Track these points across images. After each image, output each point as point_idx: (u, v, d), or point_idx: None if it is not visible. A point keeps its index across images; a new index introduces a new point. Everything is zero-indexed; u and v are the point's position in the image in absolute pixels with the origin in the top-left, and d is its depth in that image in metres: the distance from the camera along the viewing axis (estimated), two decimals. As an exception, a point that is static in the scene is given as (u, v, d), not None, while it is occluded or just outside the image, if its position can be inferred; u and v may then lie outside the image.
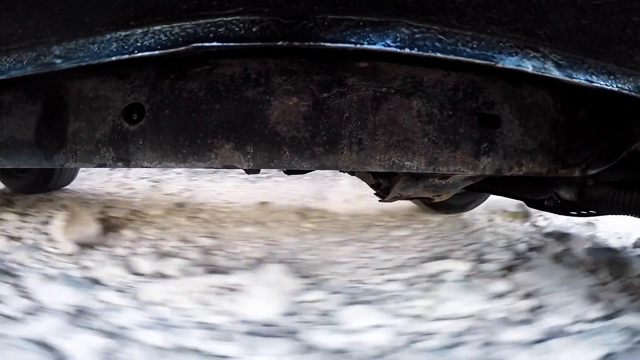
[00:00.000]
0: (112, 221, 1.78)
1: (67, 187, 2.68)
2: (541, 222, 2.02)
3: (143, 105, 0.69)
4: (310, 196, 2.55)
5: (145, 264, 1.28)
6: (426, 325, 0.99)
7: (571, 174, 0.79)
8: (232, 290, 1.12)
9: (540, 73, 0.56)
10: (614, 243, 1.68)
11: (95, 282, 1.16)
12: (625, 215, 1.07)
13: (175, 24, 0.52)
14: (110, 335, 0.88)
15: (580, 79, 0.57)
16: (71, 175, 2.58)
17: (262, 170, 1.91)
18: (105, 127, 0.71)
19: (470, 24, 0.52)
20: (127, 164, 0.71)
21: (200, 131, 0.68)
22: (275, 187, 2.96)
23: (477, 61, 0.54)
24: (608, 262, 1.39)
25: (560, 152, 0.78)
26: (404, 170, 0.71)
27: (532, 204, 1.47)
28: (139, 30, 0.54)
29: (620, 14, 0.54)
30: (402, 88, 0.68)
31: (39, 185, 2.42)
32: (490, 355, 0.86)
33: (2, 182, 2.50)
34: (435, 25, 0.52)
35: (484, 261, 1.44)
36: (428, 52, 0.52)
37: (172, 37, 0.53)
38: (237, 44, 0.52)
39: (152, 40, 0.54)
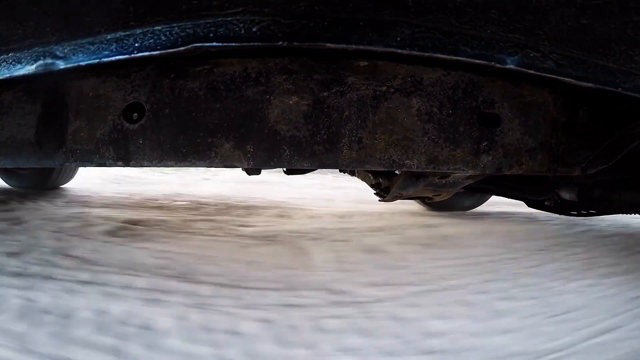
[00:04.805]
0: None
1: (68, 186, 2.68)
2: None
3: (143, 105, 0.69)
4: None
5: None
6: None
7: (571, 173, 0.79)
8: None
9: (540, 73, 0.56)
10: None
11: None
12: (626, 214, 1.07)
13: (175, 24, 0.52)
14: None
15: (580, 78, 0.57)
16: (71, 172, 2.60)
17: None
18: (105, 127, 0.71)
19: (470, 24, 0.52)
20: (127, 163, 0.71)
21: (200, 130, 0.68)
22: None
23: (477, 61, 0.54)
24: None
25: (560, 152, 0.78)
26: (404, 169, 0.71)
27: (532, 204, 1.48)
28: (139, 31, 0.54)
29: (620, 14, 0.54)
30: (401, 87, 0.68)
31: (40, 183, 2.44)
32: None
33: (2, 179, 2.52)
34: (435, 25, 0.52)
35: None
36: (428, 52, 0.52)
37: (172, 37, 0.53)
38: (237, 44, 0.52)
39: (152, 40, 0.54)
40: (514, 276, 1.20)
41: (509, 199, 1.61)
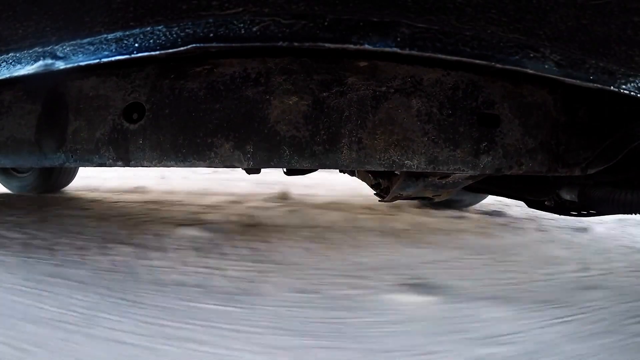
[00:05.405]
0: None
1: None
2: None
3: (143, 105, 0.69)
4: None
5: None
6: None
7: (571, 173, 0.79)
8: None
9: (540, 73, 0.56)
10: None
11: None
12: (626, 215, 1.07)
13: (175, 24, 0.52)
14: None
15: (580, 79, 0.57)
16: (70, 175, 2.59)
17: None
18: (105, 127, 0.71)
19: (470, 24, 0.52)
20: (127, 163, 0.71)
21: (200, 130, 0.68)
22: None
23: (477, 61, 0.54)
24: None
25: (560, 152, 0.78)
26: (404, 169, 0.71)
27: (532, 204, 1.47)
28: (139, 31, 0.54)
29: (620, 14, 0.53)
30: (401, 87, 0.68)
31: (39, 186, 2.43)
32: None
33: (1, 183, 2.51)
34: (435, 25, 0.52)
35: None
36: (428, 52, 0.52)
37: (172, 37, 0.53)
38: (237, 44, 0.52)
39: (152, 40, 0.54)
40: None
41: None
